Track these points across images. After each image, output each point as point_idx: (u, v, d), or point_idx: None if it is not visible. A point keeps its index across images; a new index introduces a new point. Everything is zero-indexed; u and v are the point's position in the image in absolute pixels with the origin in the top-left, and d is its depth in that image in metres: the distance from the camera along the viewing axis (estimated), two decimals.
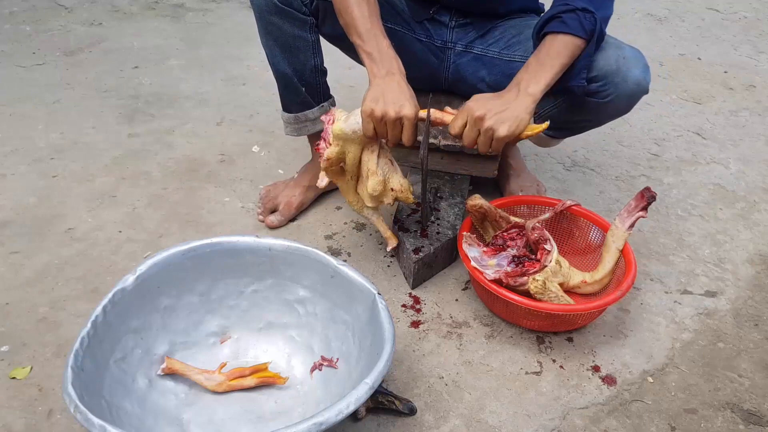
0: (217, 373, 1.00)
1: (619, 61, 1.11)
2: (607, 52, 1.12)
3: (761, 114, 2.01)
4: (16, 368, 1.05)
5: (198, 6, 2.62)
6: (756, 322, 1.23)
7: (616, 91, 1.13)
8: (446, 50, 1.33)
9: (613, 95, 1.14)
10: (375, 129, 1.04)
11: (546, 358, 1.12)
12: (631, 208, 1.16)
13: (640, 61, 1.13)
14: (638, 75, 1.12)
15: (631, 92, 1.13)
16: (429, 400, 1.03)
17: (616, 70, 1.11)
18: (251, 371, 1.00)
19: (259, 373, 1.00)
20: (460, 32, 1.33)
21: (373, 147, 1.10)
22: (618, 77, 1.12)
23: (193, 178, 1.55)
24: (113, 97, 1.89)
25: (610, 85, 1.12)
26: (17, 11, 2.45)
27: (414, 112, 1.02)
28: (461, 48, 1.33)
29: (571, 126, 1.30)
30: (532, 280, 1.08)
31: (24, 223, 1.37)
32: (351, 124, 1.05)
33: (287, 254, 1.03)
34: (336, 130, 1.06)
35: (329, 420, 0.76)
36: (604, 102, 1.15)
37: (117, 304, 0.93)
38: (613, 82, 1.12)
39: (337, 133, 1.06)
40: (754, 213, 1.54)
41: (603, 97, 1.15)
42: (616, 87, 1.12)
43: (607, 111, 1.19)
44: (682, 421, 1.03)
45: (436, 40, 1.32)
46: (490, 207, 1.20)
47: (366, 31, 1.06)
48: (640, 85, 1.13)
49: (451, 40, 1.33)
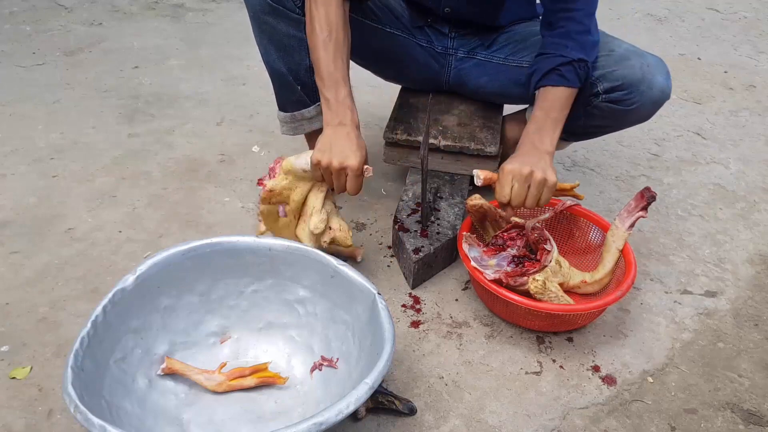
0: (217, 373, 1.00)
1: (643, 68, 1.13)
2: (631, 61, 1.14)
3: (761, 114, 2.01)
4: (16, 368, 1.05)
5: (198, 6, 2.62)
6: (756, 322, 1.23)
7: (642, 99, 1.15)
8: (447, 56, 1.34)
9: (638, 103, 1.16)
10: (323, 177, 1.06)
11: (546, 358, 1.12)
12: (631, 208, 1.16)
13: (663, 68, 1.15)
14: (662, 82, 1.14)
15: (656, 99, 1.15)
16: (429, 400, 1.03)
17: (641, 78, 1.13)
18: (251, 371, 1.00)
19: (259, 373, 1.00)
20: (461, 40, 1.33)
21: (322, 187, 1.11)
22: (643, 85, 1.13)
23: (193, 178, 1.55)
24: (113, 97, 1.89)
25: (636, 93, 1.14)
26: (17, 11, 2.45)
27: (357, 165, 1.02)
28: (463, 54, 1.33)
29: (592, 131, 1.30)
30: (532, 280, 1.08)
31: (24, 223, 1.37)
32: (301, 162, 1.06)
33: (287, 254, 1.03)
34: (286, 164, 1.07)
35: (329, 420, 0.76)
36: (629, 109, 1.17)
37: (117, 304, 0.93)
38: (639, 90, 1.14)
39: (287, 168, 1.07)
40: (754, 213, 1.54)
41: (628, 105, 1.16)
42: (642, 95, 1.14)
43: (631, 118, 1.21)
44: (682, 421, 1.03)
45: (437, 46, 1.32)
46: (490, 207, 1.20)
47: (328, 76, 1.07)
48: (664, 92, 1.15)
49: (452, 47, 1.33)
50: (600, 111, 1.19)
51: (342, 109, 1.06)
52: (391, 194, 1.52)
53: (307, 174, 1.07)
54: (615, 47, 1.17)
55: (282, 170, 1.08)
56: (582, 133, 1.30)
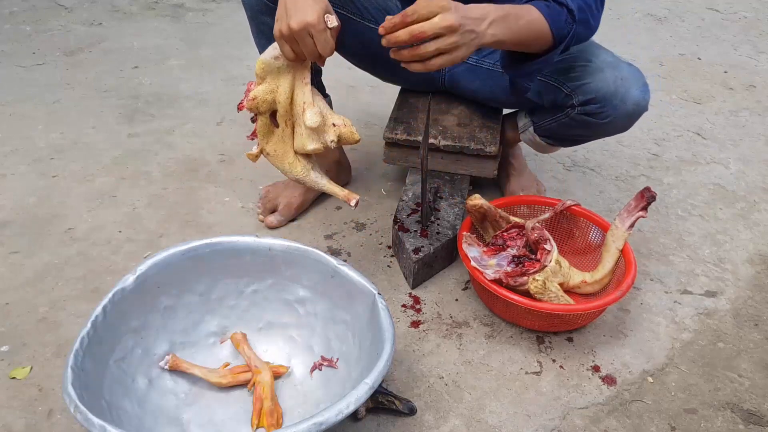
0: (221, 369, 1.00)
1: (617, 82, 1.10)
2: (605, 73, 1.11)
3: (761, 114, 2.01)
4: (16, 368, 1.05)
5: (198, 6, 2.62)
6: (756, 322, 1.23)
7: (615, 112, 1.12)
8: None
9: (612, 116, 1.13)
10: (292, 49, 0.95)
11: (546, 358, 1.12)
12: (631, 208, 1.16)
13: (638, 80, 1.12)
14: (637, 95, 1.11)
15: (631, 112, 1.13)
16: (429, 400, 1.03)
17: (614, 92, 1.10)
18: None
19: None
20: None
21: (304, 78, 1.01)
22: (616, 99, 1.11)
23: (193, 178, 1.55)
24: (113, 97, 1.89)
25: (609, 107, 1.12)
26: (17, 11, 2.45)
27: (316, 18, 0.91)
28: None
29: (572, 139, 1.30)
30: (532, 280, 1.08)
31: (24, 223, 1.37)
32: (269, 51, 0.99)
33: (287, 254, 1.03)
34: (258, 65, 0.99)
35: (329, 420, 0.76)
36: (603, 123, 1.15)
37: (117, 304, 0.93)
38: (612, 104, 1.11)
39: (261, 67, 0.99)
40: (754, 213, 1.54)
41: (602, 118, 1.14)
42: (615, 109, 1.12)
43: (607, 129, 1.19)
44: (682, 421, 1.03)
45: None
46: (489, 207, 1.20)
47: None
48: (639, 105, 1.12)
49: None
50: (576, 122, 1.19)
51: None
52: (391, 194, 1.52)
53: (280, 60, 0.99)
54: (593, 57, 1.14)
55: (257, 74, 1.00)
56: (566, 140, 1.30)
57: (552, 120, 1.25)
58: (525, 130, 1.34)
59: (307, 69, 1.01)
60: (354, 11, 1.25)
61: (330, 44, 0.95)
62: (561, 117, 1.22)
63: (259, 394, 0.95)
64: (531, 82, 1.08)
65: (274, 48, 0.99)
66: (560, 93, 1.17)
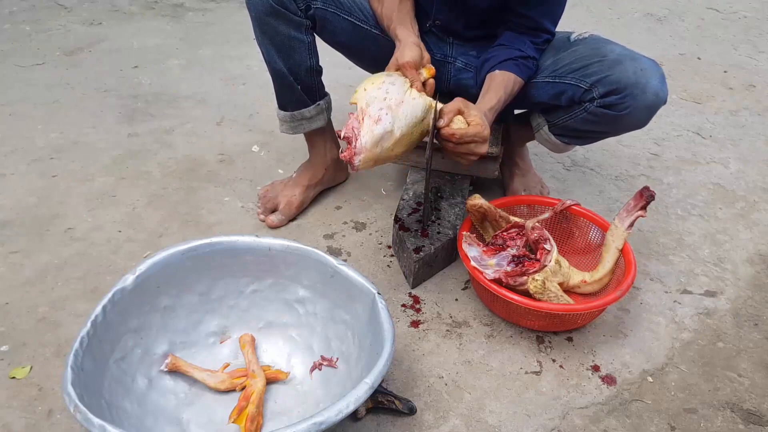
0: (220, 372, 1.00)
1: (637, 73, 1.12)
2: (624, 65, 1.13)
3: (761, 114, 2.01)
4: (16, 368, 1.05)
5: (198, 6, 2.62)
6: (756, 322, 1.23)
7: (635, 103, 1.13)
8: (447, 64, 1.34)
9: (631, 107, 1.14)
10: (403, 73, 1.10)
11: (546, 357, 1.12)
12: (630, 208, 1.16)
13: (657, 71, 1.13)
14: (656, 86, 1.12)
15: (650, 103, 1.14)
16: (429, 399, 1.03)
17: (635, 83, 1.11)
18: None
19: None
20: (460, 48, 1.33)
21: (408, 89, 1.06)
22: (637, 89, 1.12)
23: (193, 177, 1.55)
24: (113, 97, 1.89)
25: (629, 97, 1.13)
26: (17, 11, 2.45)
27: (410, 60, 1.11)
28: (461, 65, 1.33)
29: (589, 136, 1.29)
30: (532, 279, 1.08)
31: (24, 223, 1.37)
32: (404, 112, 1.02)
33: (287, 254, 1.03)
34: (380, 129, 1.00)
35: (329, 420, 0.76)
36: (622, 114, 1.15)
37: (117, 304, 0.93)
38: (632, 94, 1.12)
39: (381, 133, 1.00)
40: (753, 213, 1.54)
41: (621, 110, 1.15)
42: (635, 99, 1.12)
43: (624, 123, 1.19)
44: (682, 421, 1.03)
45: (436, 54, 1.32)
46: (489, 207, 1.20)
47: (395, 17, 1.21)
48: (658, 96, 1.13)
49: (451, 54, 1.33)
50: (594, 116, 1.19)
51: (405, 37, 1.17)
52: (391, 194, 1.52)
53: (417, 119, 1.05)
54: (608, 52, 1.16)
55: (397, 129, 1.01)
56: (580, 137, 1.30)
57: (568, 117, 1.24)
58: (539, 130, 1.34)
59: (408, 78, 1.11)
60: (359, 17, 1.26)
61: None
62: (578, 113, 1.21)
63: (247, 395, 0.95)
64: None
65: (409, 110, 1.04)
66: (578, 89, 1.18)
